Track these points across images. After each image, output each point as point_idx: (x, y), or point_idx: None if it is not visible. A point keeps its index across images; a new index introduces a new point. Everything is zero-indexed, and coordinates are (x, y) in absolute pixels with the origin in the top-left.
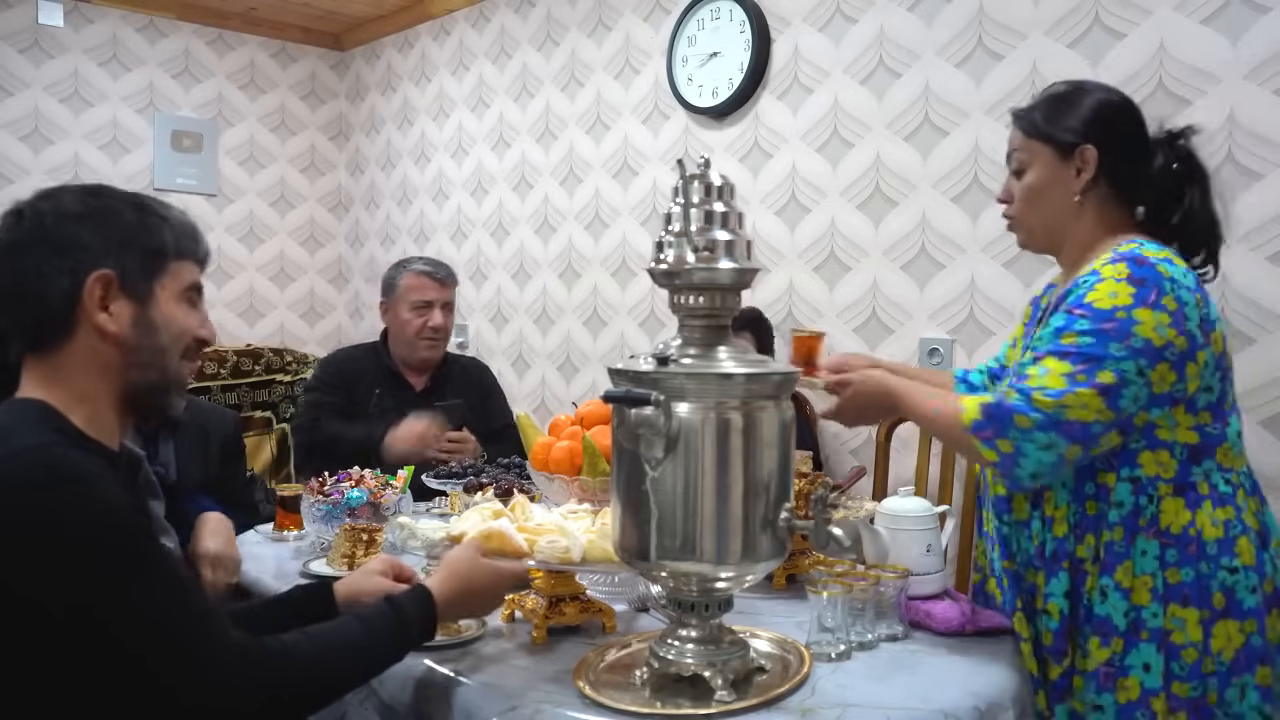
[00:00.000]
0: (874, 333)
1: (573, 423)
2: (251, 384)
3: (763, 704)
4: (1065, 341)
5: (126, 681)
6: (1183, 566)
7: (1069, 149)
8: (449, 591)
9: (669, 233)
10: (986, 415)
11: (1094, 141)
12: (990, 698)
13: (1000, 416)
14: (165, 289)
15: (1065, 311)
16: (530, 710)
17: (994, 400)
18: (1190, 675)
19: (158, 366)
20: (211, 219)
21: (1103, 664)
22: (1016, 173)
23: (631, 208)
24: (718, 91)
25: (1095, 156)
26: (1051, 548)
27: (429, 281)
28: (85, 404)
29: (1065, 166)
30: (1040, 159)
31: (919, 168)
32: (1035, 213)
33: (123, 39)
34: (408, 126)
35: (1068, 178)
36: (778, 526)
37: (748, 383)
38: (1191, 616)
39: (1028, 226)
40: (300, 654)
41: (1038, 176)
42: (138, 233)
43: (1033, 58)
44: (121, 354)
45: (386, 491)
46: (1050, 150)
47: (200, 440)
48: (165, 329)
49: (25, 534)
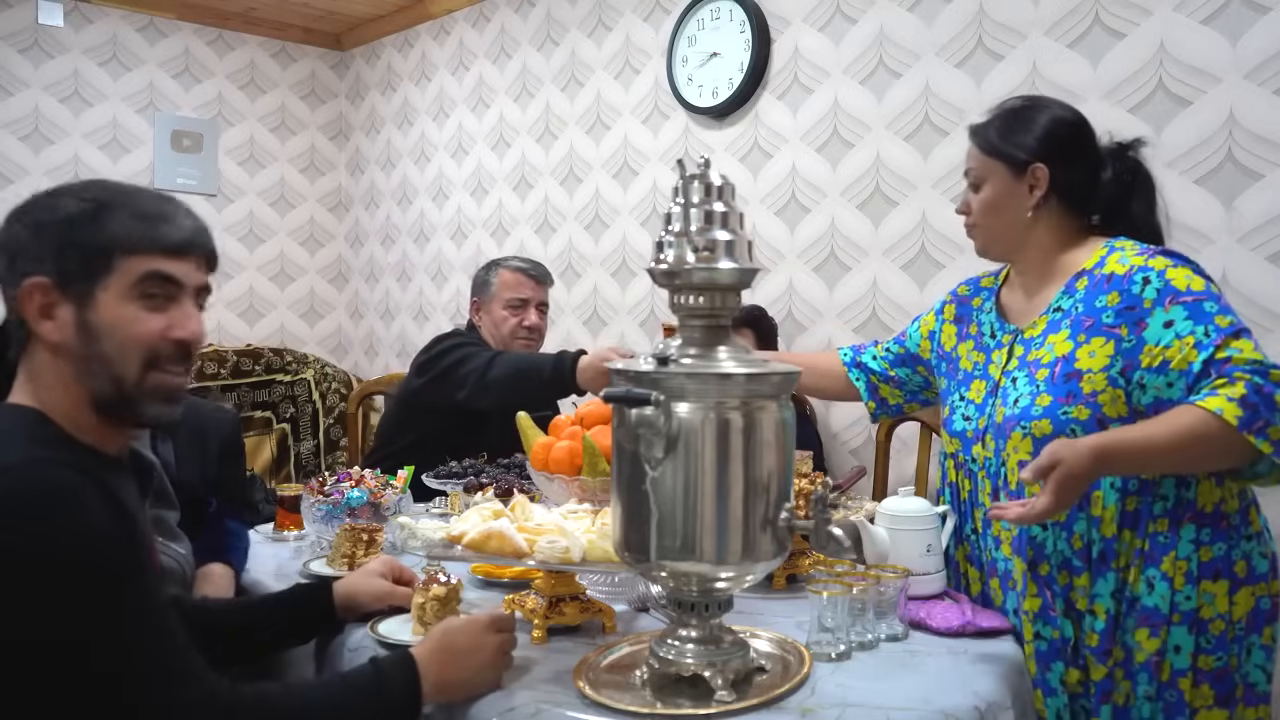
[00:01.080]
0: (874, 333)
1: (573, 423)
2: (251, 384)
3: (763, 704)
4: (1222, 324)
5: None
6: (1215, 543)
7: (1022, 167)
8: (429, 649)
9: (669, 233)
10: (1250, 408)
11: (1046, 159)
12: (990, 698)
13: (1264, 403)
14: (109, 289)
15: (1177, 304)
16: (530, 710)
17: (1244, 388)
18: (1216, 646)
19: (108, 376)
20: (211, 219)
21: (1153, 654)
22: (974, 186)
23: (631, 208)
24: (718, 91)
25: (1047, 175)
26: (1100, 548)
27: (525, 279)
28: (70, 409)
29: (1019, 183)
30: (995, 175)
31: (919, 168)
32: (992, 225)
33: (123, 39)
34: (408, 126)
35: (1021, 193)
36: (778, 526)
37: (748, 383)
38: (1221, 589)
39: (985, 238)
40: (275, 706)
41: (993, 192)
42: (77, 231)
43: (1033, 58)
44: (71, 363)
45: (386, 491)
46: (1004, 167)
47: (198, 440)
48: (109, 335)
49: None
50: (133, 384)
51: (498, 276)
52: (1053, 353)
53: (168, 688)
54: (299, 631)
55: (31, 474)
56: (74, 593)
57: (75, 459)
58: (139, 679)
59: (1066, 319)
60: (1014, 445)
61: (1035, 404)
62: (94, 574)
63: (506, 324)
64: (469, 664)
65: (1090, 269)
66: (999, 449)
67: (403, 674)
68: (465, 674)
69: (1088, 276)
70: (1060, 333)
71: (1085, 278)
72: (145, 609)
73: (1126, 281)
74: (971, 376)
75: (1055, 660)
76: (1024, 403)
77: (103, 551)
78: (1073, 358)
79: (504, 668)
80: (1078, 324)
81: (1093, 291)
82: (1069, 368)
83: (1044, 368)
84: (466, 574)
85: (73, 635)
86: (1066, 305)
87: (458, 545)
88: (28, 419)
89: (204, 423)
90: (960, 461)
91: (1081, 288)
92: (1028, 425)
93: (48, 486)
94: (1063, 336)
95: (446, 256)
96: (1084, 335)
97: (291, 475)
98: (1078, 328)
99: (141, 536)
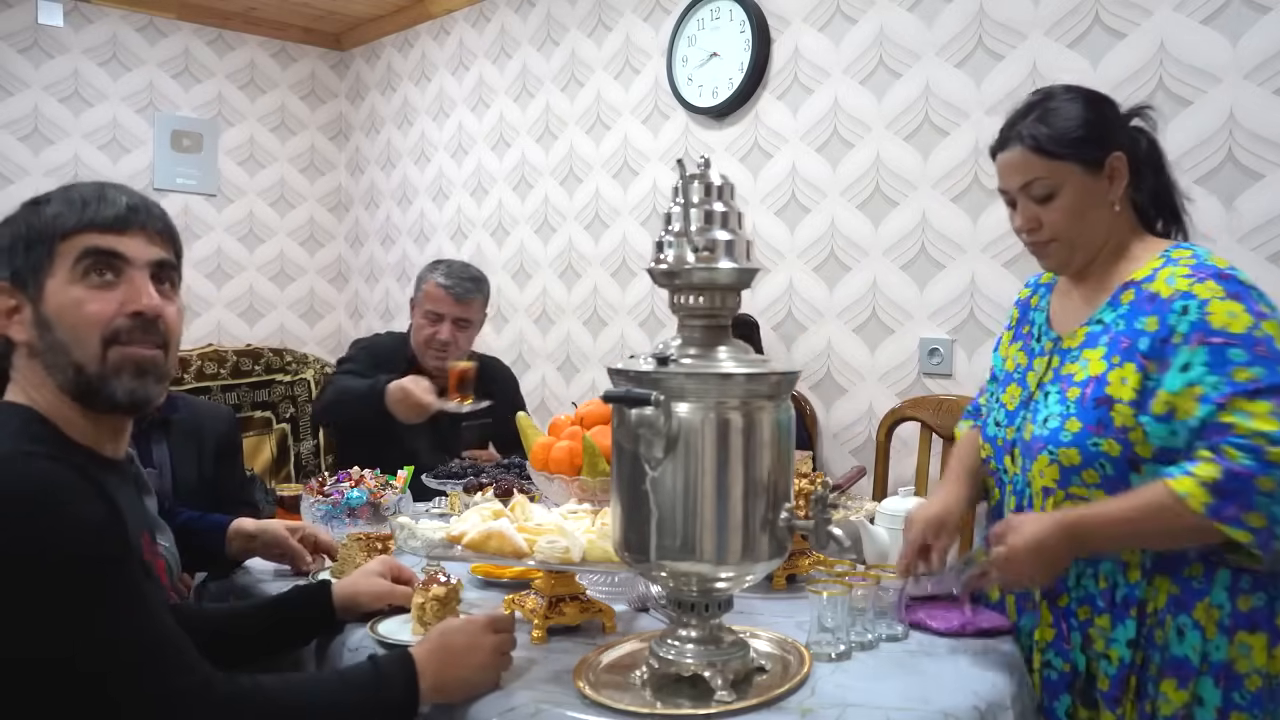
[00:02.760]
0: (874, 333)
1: (573, 423)
2: (251, 384)
3: (763, 704)
4: (1242, 379)
5: (88, 710)
6: (1255, 591)
7: (1099, 161)
8: (427, 649)
9: (669, 233)
10: (1220, 492)
11: (1118, 146)
12: (990, 698)
13: (1238, 487)
14: (55, 277)
15: (1203, 345)
16: (530, 710)
17: (1219, 471)
18: (1252, 704)
19: (69, 364)
20: (211, 219)
21: (1180, 708)
22: (1043, 198)
23: (631, 208)
24: (718, 91)
25: (1125, 161)
26: (1123, 593)
27: (444, 296)
28: (57, 408)
29: (1098, 179)
30: (1071, 179)
31: (919, 168)
32: (1077, 235)
33: (123, 39)
34: (408, 126)
35: (1102, 190)
36: (778, 526)
37: (748, 383)
38: (1259, 642)
39: (1066, 252)
40: (272, 698)
41: (1073, 198)
42: (18, 226)
43: (1033, 58)
44: (40, 359)
45: (386, 491)
46: (1078, 167)
47: (194, 439)
48: (59, 322)
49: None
50: (95, 366)
51: (424, 285)
52: (1086, 370)
53: (162, 678)
54: (300, 633)
55: (16, 467)
56: (63, 591)
57: (65, 454)
58: (131, 669)
59: (1106, 335)
60: (1040, 469)
61: (1064, 428)
62: (81, 570)
63: (422, 333)
64: (467, 663)
65: (1139, 281)
66: (1025, 467)
67: (401, 672)
68: (463, 673)
69: (1135, 290)
70: (1097, 349)
71: (1132, 290)
72: (135, 601)
73: (1167, 307)
74: (1010, 379)
75: (1064, 692)
76: (1053, 424)
77: (90, 545)
78: (1104, 381)
79: (503, 668)
80: (1115, 343)
81: (1135, 309)
82: (1100, 391)
83: (1076, 386)
84: (466, 574)
85: (64, 632)
86: (1109, 319)
87: (458, 545)
88: (20, 415)
89: (200, 421)
90: (992, 469)
91: (1126, 302)
92: (1055, 451)
93: (33, 481)
94: (1098, 354)
95: (446, 257)
96: (1119, 357)
97: (291, 475)
98: (1114, 347)
99: (133, 533)
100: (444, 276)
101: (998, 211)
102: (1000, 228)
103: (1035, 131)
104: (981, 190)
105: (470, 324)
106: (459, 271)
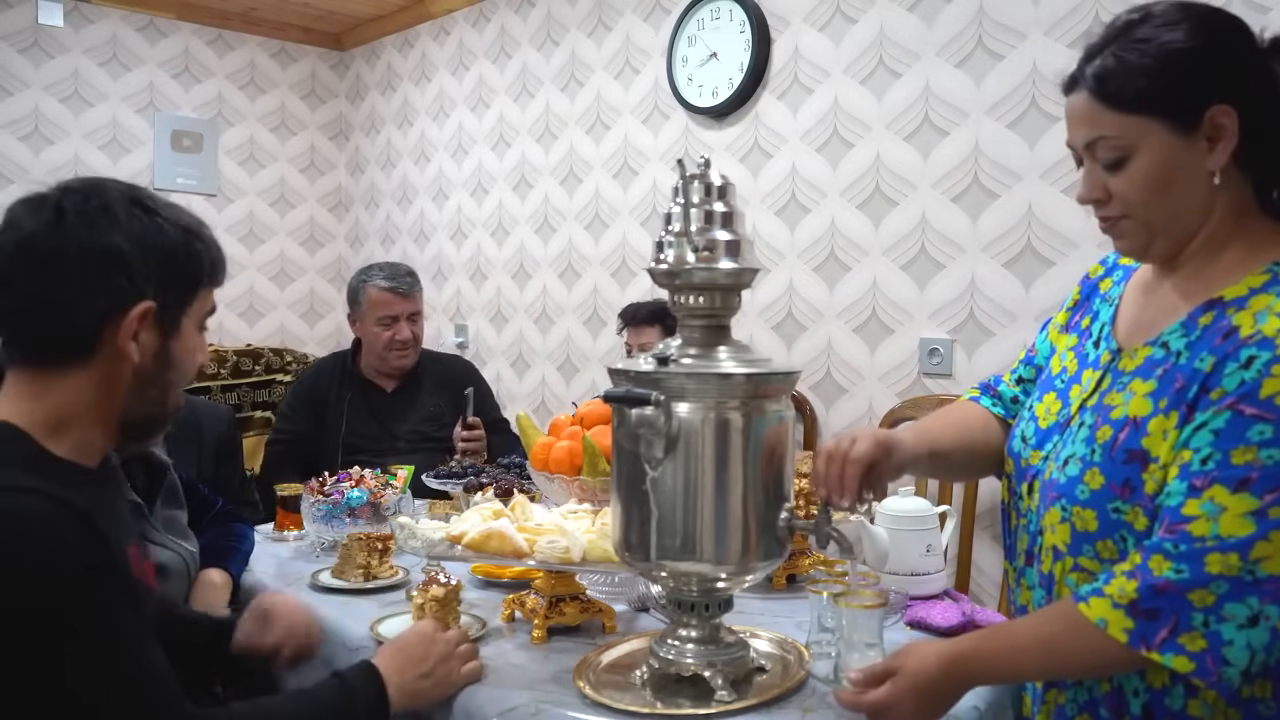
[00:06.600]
0: (874, 333)
1: (573, 423)
2: (251, 384)
3: (763, 704)
4: (1238, 461)
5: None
6: None
7: (1193, 116)
8: (386, 656)
9: (669, 233)
10: (1143, 613)
11: (1228, 96)
12: (990, 698)
13: (1163, 605)
14: (190, 318)
15: (1230, 410)
16: (530, 710)
17: (1140, 583)
18: None
19: (161, 401)
20: (211, 219)
21: None
22: (1114, 164)
23: (631, 208)
24: (718, 91)
25: (1234, 117)
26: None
27: (391, 297)
28: (68, 424)
29: (1191, 141)
30: (1149, 139)
31: (919, 168)
32: (1159, 209)
33: (123, 39)
34: (408, 126)
35: (1198, 154)
36: (778, 526)
37: (748, 383)
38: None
39: (1146, 233)
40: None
41: (1154, 163)
42: (181, 262)
43: (1033, 58)
44: (134, 383)
45: (386, 491)
46: (1162, 124)
47: (193, 438)
48: (180, 363)
49: None
50: (172, 405)
51: (365, 295)
52: (1127, 407)
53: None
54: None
55: None
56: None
57: (42, 477)
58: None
59: (1162, 366)
60: (1050, 523)
61: (1083, 481)
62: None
63: (380, 339)
64: (426, 664)
65: (1227, 301)
66: (1040, 512)
67: (368, 684)
68: (425, 672)
69: (1217, 312)
70: (1148, 382)
71: (1213, 312)
72: (115, 632)
73: (1237, 350)
74: (1052, 383)
75: None
76: (1072, 471)
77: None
78: (1143, 429)
79: (464, 660)
80: (1168, 380)
81: (1205, 340)
82: (1134, 442)
83: (1110, 425)
84: (466, 574)
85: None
86: (1175, 344)
87: (458, 545)
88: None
89: (199, 420)
90: (1010, 487)
91: (1201, 325)
92: (1069, 509)
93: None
94: (1146, 389)
95: (446, 256)
96: (1166, 401)
97: None
98: (1166, 386)
99: (118, 550)
100: (385, 279)
101: (998, 211)
102: (1000, 227)
103: (1104, 71)
104: (981, 190)
105: (420, 314)
106: (394, 270)
